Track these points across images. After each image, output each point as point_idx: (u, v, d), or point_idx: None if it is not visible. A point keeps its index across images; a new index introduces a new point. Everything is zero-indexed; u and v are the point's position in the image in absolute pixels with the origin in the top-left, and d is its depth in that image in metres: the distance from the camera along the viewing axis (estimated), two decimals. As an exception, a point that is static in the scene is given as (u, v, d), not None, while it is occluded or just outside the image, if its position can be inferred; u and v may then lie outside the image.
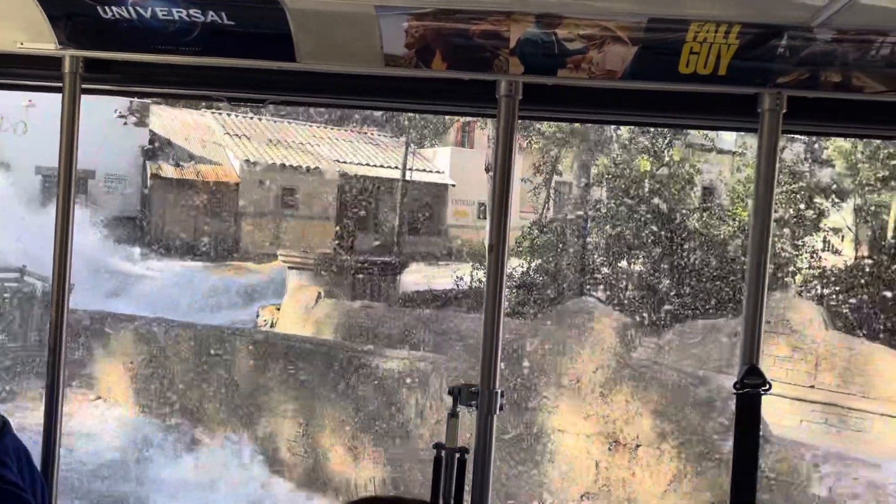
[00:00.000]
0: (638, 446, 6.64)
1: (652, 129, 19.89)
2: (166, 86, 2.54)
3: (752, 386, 2.13)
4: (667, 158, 20.58)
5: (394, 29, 2.03)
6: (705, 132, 23.59)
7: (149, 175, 27.28)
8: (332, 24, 2.08)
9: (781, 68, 2.00)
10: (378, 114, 35.83)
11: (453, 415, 2.36)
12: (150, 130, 28.28)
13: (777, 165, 2.20)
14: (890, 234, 22.94)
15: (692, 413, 6.38)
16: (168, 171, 27.50)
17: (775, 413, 9.21)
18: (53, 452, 2.34)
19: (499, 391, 2.26)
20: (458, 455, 2.30)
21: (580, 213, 16.71)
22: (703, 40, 1.93)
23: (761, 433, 5.94)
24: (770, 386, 2.16)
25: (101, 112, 26.12)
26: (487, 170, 18.71)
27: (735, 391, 2.16)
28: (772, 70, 2.01)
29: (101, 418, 10.46)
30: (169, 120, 29.99)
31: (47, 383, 2.38)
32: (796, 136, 27.79)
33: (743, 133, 24.99)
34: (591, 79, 2.09)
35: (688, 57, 1.98)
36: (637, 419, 6.66)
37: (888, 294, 21.86)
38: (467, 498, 2.28)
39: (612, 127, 20.65)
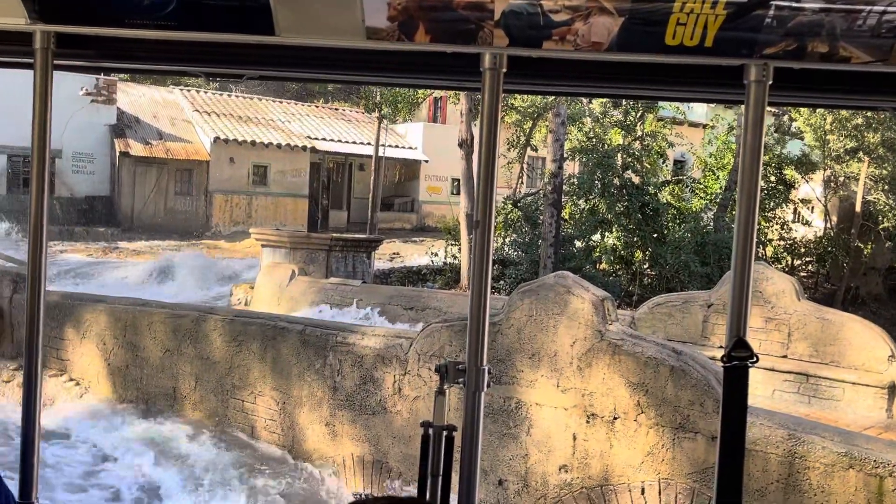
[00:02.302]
0: (615, 419, 6.68)
1: (624, 102, 19.93)
2: (141, 61, 2.45)
3: (739, 359, 2.11)
4: (639, 132, 20.64)
5: (376, 1, 1.98)
6: (676, 105, 23.71)
7: (117, 154, 26.88)
8: None
9: (768, 39, 1.98)
10: (346, 88, 35.56)
11: (441, 392, 2.35)
12: (118, 108, 27.85)
13: (763, 137, 2.19)
14: (858, 205, 23.22)
15: (668, 385, 6.43)
16: (137, 149, 27.13)
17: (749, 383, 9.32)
18: (33, 434, 2.30)
19: (486, 368, 2.24)
20: (445, 433, 2.30)
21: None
22: (690, 11, 1.90)
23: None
24: (757, 358, 2.16)
25: (67, 89, 25.71)
26: (460, 145, 18.64)
27: (723, 364, 2.15)
28: (758, 41, 1.98)
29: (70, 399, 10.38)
30: (137, 97, 29.57)
31: (25, 366, 2.34)
32: (781, 107, 27.99)
33: (717, 105, 24.98)
34: (576, 51, 2.05)
35: (674, 28, 1.95)
36: (614, 392, 6.70)
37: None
38: (455, 476, 2.27)
39: (585, 100, 20.68)
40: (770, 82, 2.08)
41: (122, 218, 27.07)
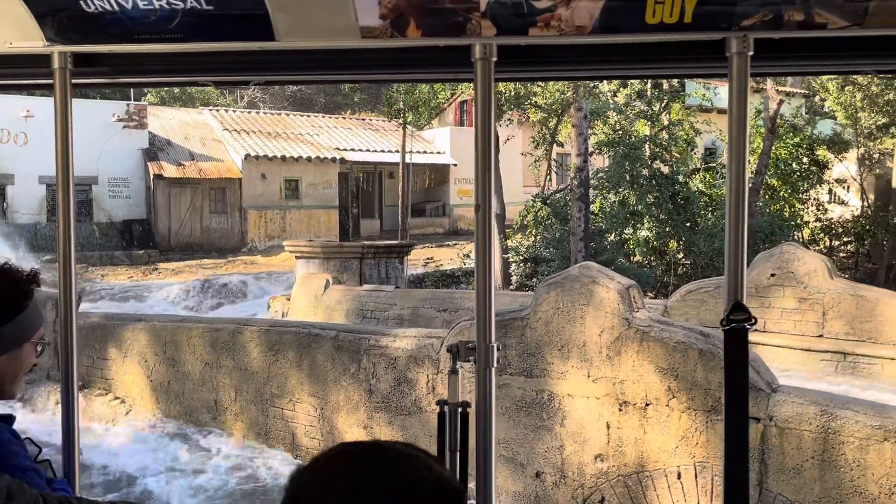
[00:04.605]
0: (647, 405, 6.71)
1: (648, 93, 19.84)
2: (154, 74, 2.56)
3: (737, 321, 2.16)
4: (665, 122, 20.52)
5: (367, 1, 2.07)
6: (702, 92, 23.54)
7: (151, 176, 27.36)
8: (306, 0, 2.12)
9: (745, 10, 2.03)
10: (360, 95, 35.77)
11: (454, 371, 2.43)
12: (150, 132, 28.33)
13: (748, 107, 2.23)
14: (895, 181, 22.84)
15: (698, 368, 6.43)
16: (170, 170, 27.58)
17: (785, 364, 9.26)
18: (73, 449, 2.40)
19: (495, 345, 2.31)
20: (460, 409, 2.37)
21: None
22: None
23: (772, 382, 5.90)
24: (755, 320, 2.19)
25: (101, 117, 26.27)
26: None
27: (722, 328, 2.18)
28: (736, 13, 2.04)
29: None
30: (167, 120, 30.05)
31: (62, 385, 2.44)
32: (796, 91, 27.55)
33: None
34: (561, 35, 2.11)
35: (653, 6, 2.01)
36: (644, 378, 6.72)
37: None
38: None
39: (609, 94, 20.62)
40: (751, 53, 2.12)
41: (160, 239, 27.51)
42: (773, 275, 10.07)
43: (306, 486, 1.06)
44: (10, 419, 1.89)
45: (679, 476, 6.54)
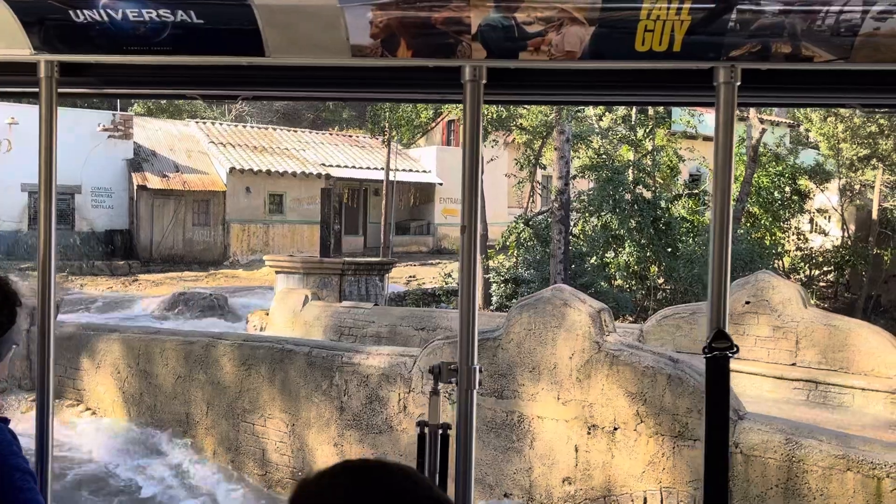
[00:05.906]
0: (615, 429, 6.71)
1: (632, 119, 19.99)
2: (140, 86, 2.56)
3: (719, 349, 2.17)
4: (649, 147, 20.66)
5: (359, 20, 2.08)
6: (687, 119, 23.72)
7: (135, 187, 27.26)
8: (297, 17, 2.13)
9: (733, 42, 2.05)
10: (351, 112, 35.83)
11: (435, 393, 2.42)
12: (135, 142, 28.25)
13: (734, 136, 2.26)
14: (875, 212, 23.04)
15: (666, 393, 6.45)
16: (154, 182, 27.49)
17: (757, 392, 9.29)
18: (46, 461, 2.38)
19: (477, 367, 2.30)
20: (440, 431, 2.36)
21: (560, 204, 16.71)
22: (657, 18, 1.98)
23: (739, 410, 5.93)
24: (737, 348, 2.19)
25: (87, 126, 26.20)
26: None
27: (704, 355, 2.19)
28: (724, 44, 2.06)
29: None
30: (153, 131, 29.99)
31: (37, 395, 2.42)
32: (780, 119, 27.82)
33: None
34: (551, 60, 2.13)
35: (643, 35, 2.03)
36: (613, 402, 6.73)
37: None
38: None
39: (594, 118, 20.75)
40: (738, 83, 2.15)
41: (142, 250, 27.38)
42: (747, 302, 10.11)
43: (307, 499, 1.08)
44: (6, 421, 1.91)
45: (645, 501, 6.54)
